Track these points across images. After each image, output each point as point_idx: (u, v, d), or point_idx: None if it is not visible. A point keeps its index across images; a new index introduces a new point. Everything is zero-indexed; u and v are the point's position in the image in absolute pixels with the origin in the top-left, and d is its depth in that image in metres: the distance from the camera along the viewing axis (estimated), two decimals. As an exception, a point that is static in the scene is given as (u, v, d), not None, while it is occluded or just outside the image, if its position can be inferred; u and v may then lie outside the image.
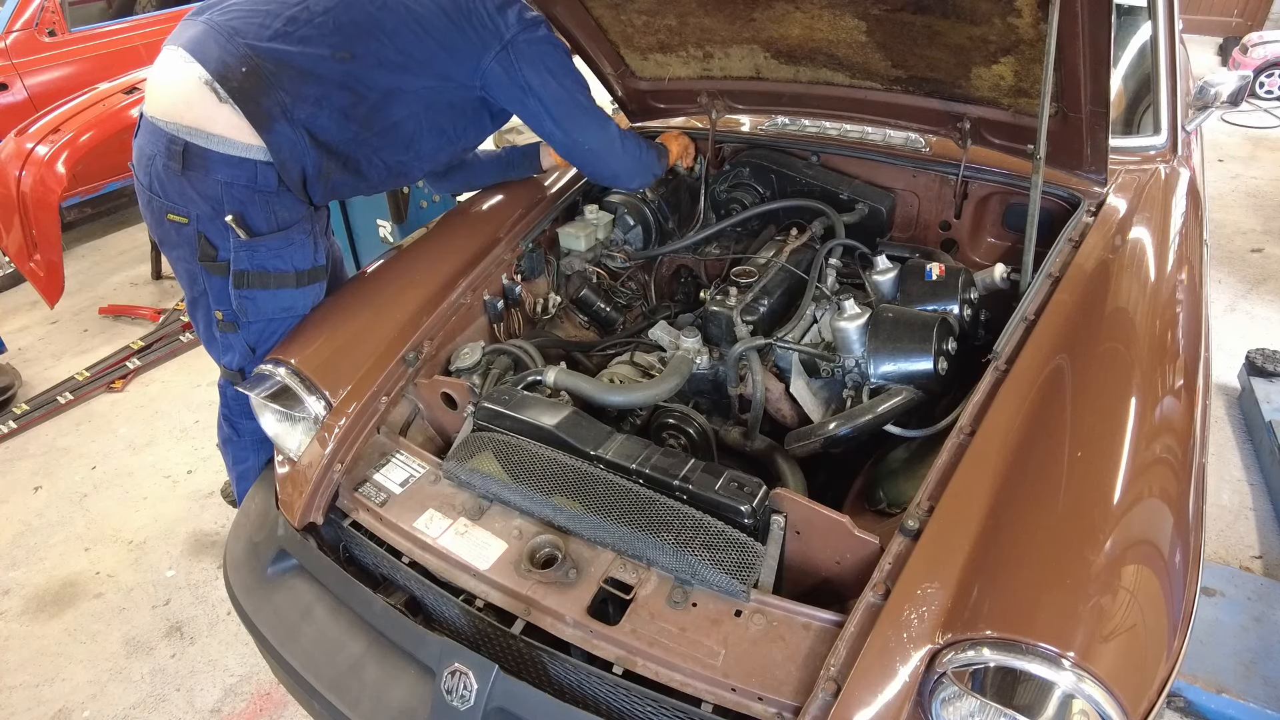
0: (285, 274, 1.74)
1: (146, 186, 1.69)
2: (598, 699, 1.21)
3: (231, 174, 1.63)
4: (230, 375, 1.90)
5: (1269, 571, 2.32)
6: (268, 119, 1.60)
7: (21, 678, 2.22)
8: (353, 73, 1.67)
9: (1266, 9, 7.12)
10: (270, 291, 1.74)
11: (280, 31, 1.63)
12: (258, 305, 1.75)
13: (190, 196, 1.64)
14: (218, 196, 1.64)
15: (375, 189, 1.93)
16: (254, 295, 1.73)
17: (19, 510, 2.86)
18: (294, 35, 1.63)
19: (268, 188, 1.67)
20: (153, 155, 1.65)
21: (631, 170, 2.05)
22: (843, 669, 1.07)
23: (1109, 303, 1.53)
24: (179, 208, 1.66)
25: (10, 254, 3.43)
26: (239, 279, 1.70)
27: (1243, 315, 3.60)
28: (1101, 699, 0.96)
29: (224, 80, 1.57)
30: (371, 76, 1.70)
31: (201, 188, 1.63)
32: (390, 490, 1.53)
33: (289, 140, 1.64)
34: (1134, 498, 1.17)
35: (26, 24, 4.62)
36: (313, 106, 1.65)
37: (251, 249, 1.68)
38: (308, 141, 1.66)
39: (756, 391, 1.69)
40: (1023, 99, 1.75)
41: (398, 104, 1.75)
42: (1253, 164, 5.22)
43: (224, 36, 1.61)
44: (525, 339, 1.92)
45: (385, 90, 1.72)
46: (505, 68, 1.77)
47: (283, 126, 1.62)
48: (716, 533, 1.26)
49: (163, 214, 1.68)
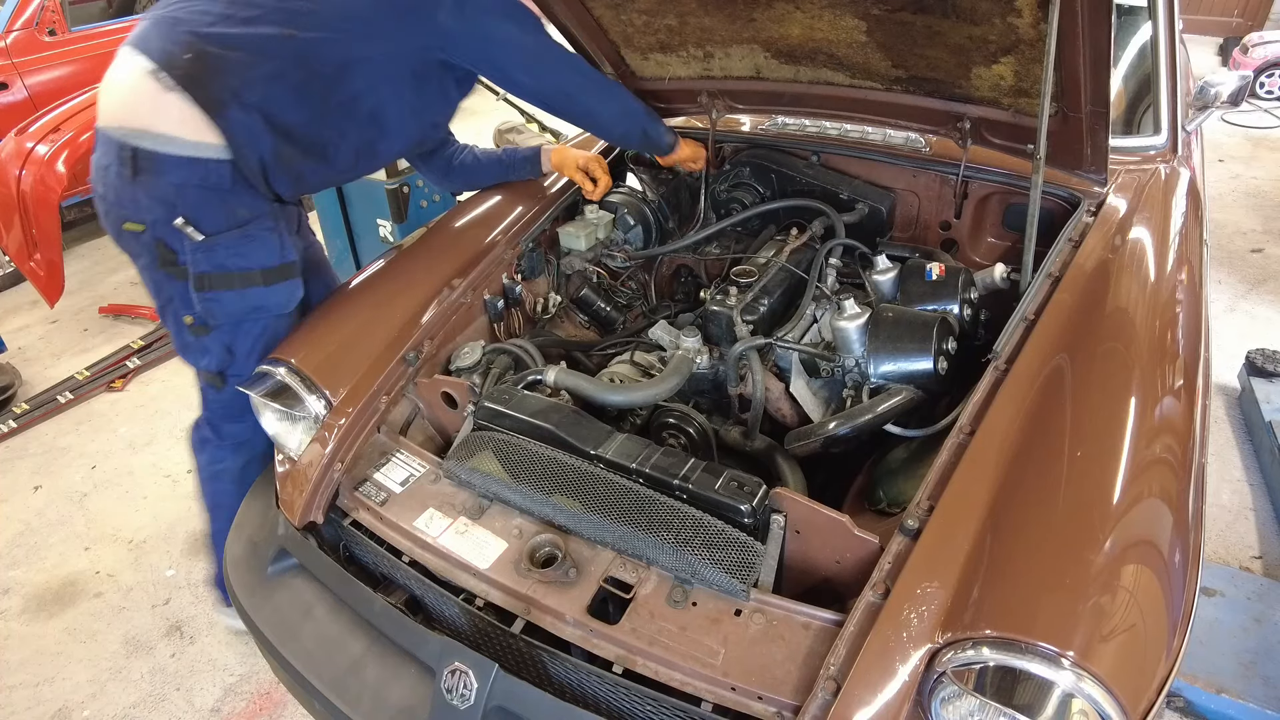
0: (250, 272, 1.69)
1: (102, 197, 1.65)
2: (598, 698, 1.21)
3: (183, 175, 1.58)
4: (209, 378, 1.85)
5: (1269, 571, 2.32)
6: (218, 104, 1.55)
7: (21, 677, 2.22)
8: (303, 48, 1.62)
9: (1267, 9, 7.13)
10: (236, 292, 1.69)
11: (223, 15, 1.58)
12: (224, 306, 1.70)
13: (143, 203, 1.60)
14: (171, 200, 1.60)
15: (345, 175, 1.89)
16: (218, 297, 1.68)
17: (19, 510, 2.86)
18: (237, 18, 1.58)
19: (222, 185, 1.62)
20: (106, 165, 1.61)
21: (615, 115, 2.00)
22: (842, 668, 1.07)
23: (1109, 303, 1.53)
24: (134, 215, 1.62)
25: (10, 253, 3.43)
26: (199, 281, 1.65)
27: (1243, 315, 3.60)
28: (1101, 698, 0.97)
29: (169, 67, 1.53)
30: (324, 49, 1.64)
31: (154, 192, 1.59)
32: (390, 489, 1.53)
33: (243, 125, 1.58)
34: (1134, 498, 1.17)
35: (26, 23, 4.63)
36: (265, 87, 1.60)
37: (209, 249, 1.64)
38: (263, 125, 1.61)
39: (756, 391, 1.69)
40: (1023, 99, 1.75)
41: (355, 77, 1.69)
42: (1253, 164, 5.22)
43: (167, 26, 1.58)
44: (525, 338, 1.92)
45: (340, 63, 1.66)
46: (461, 21, 1.71)
47: (235, 112, 1.57)
48: (716, 532, 1.26)
49: (119, 224, 1.64)
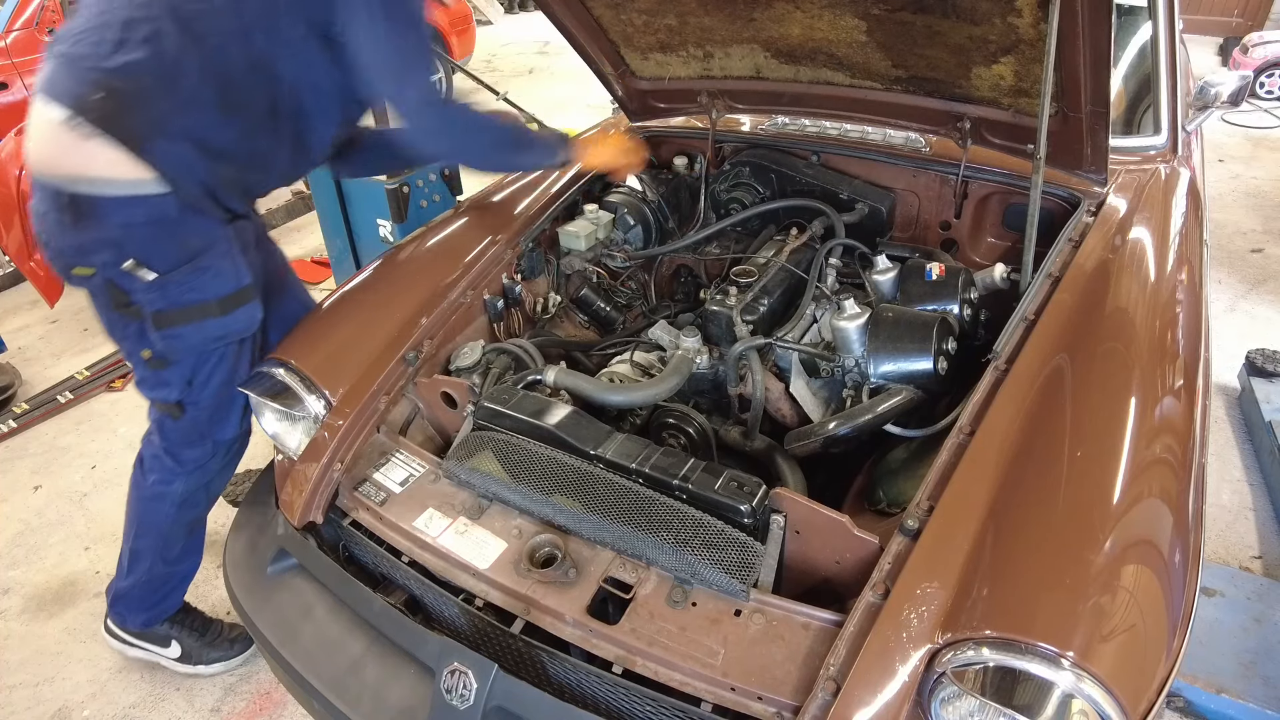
0: (206, 304, 1.62)
1: (46, 244, 1.58)
2: (597, 698, 1.21)
3: (126, 215, 1.51)
4: (166, 409, 1.77)
5: (1269, 571, 2.32)
6: (142, 141, 1.46)
7: (21, 677, 2.22)
8: (210, 59, 1.50)
9: (1267, 9, 7.13)
10: (194, 325, 1.63)
11: (120, 41, 1.46)
12: (184, 341, 1.64)
13: (89, 247, 1.53)
14: (117, 242, 1.52)
15: (288, 177, 1.82)
16: (177, 332, 1.62)
17: (19, 509, 2.86)
18: (135, 40, 1.46)
19: (169, 217, 1.53)
20: (44, 212, 1.54)
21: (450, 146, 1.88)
22: (842, 668, 1.07)
23: (1109, 303, 1.53)
24: (81, 260, 1.55)
25: (10, 254, 3.42)
26: (158, 320, 1.60)
27: (1243, 315, 3.60)
28: (1101, 699, 0.96)
29: (83, 111, 1.42)
30: (230, 54, 1.53)
31: (99, 236, 1.52)
32: (390, 489, 1.53)
33: (173, 156, 1.50)
34: (1134, 498, 1.17)
35: (26, 23, 4.63)
36: (185, 114, 1.51)
37: (161, 287, 1.57)
38: (194, 152, 1.52)
39: (756, 391, 1.68)
40: (1023, 99, 1.75)
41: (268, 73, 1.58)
42: (1253, 164, 5.22)
43: (70, 65, 1.47)
44: (525, 338, 1.92)
45: (249, 64, 1.55)
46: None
47: (162, 144, 1.48)
48: (716, 532, 1.26)
49: (68, 270, 1.57)
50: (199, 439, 1.82)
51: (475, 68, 7.16)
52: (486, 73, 8.15)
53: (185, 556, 2.02)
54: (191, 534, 2.00)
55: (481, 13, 10.51)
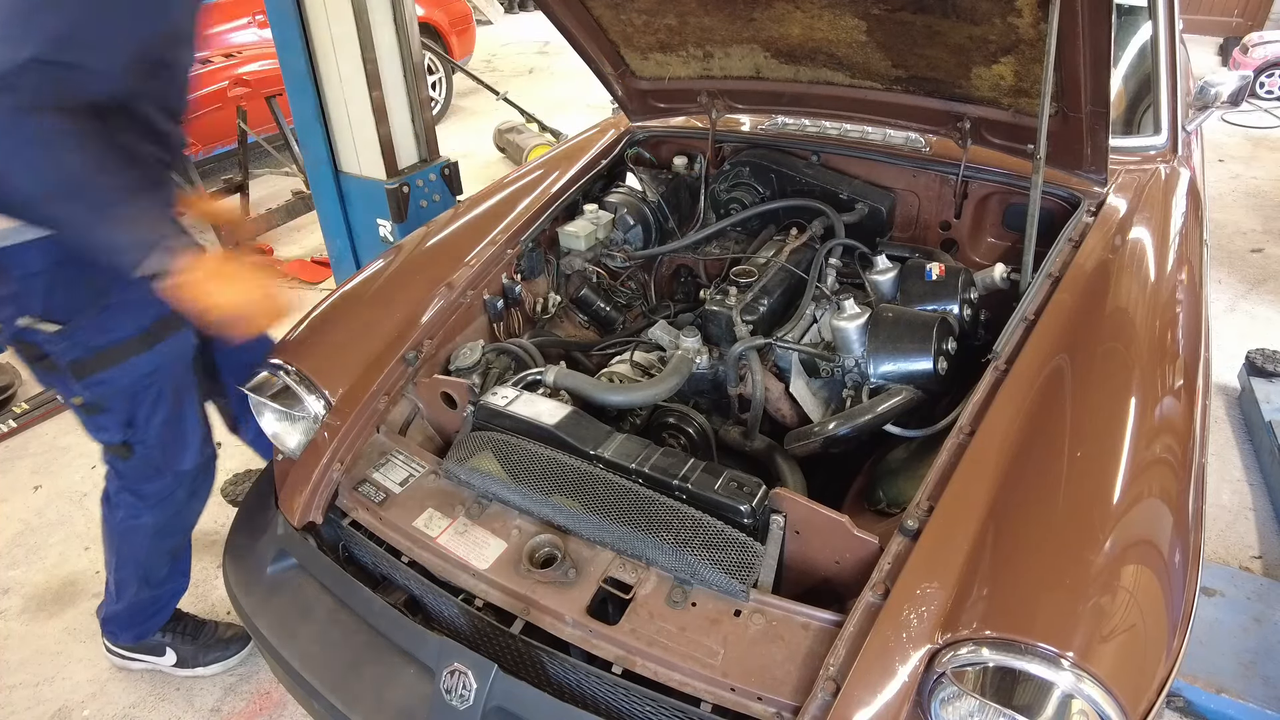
0: (127, 342, 1.51)
1: None
2: (597, 698, 1.21)
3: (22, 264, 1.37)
4: (115, 450, 1.69)
5: (1269, 571, 2.32)
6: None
7: (21, 677, 2.22)
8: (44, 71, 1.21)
9: (1267, 9, 7.12)
10: (118, 367, 1.53)
11: None
12: (112, 385, 1.55)
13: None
14: (17, 294, 1.40)
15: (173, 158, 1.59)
16: (101, 379, 1.52)
17: (19, 509, 2.86)
18: None
19: (64, 256, 1.39)
20: None
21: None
22: (842, 669, 1.07)
23: (1109, 303, 1.53)
24: None
25: None
26: (76, 370, 1.49)
27: (1243, 315, 3.60)
28: (1101, 699, 0.96)
29: None
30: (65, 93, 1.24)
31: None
32: (390, 489, 1.53)
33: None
34: (1134, 498, 1.17)
35: None
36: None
37: (69, 336, 1.45)
38: None
39: (756, 391, 1.68)
40: (1023, 99, 1.75)
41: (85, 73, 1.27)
42: (1253, 164, 5.22)
43: None
44: (525, 338, 1.92)
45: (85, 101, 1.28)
46: None
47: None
48: (716, 532, 1.26)
49: None
50: (155, 474, 1.77)
51: (475, 68, 7.15)
52: (486, 73, 8.15)
53: (170, 579, 2.02)
54: (175, 559, 1.99)
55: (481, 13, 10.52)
